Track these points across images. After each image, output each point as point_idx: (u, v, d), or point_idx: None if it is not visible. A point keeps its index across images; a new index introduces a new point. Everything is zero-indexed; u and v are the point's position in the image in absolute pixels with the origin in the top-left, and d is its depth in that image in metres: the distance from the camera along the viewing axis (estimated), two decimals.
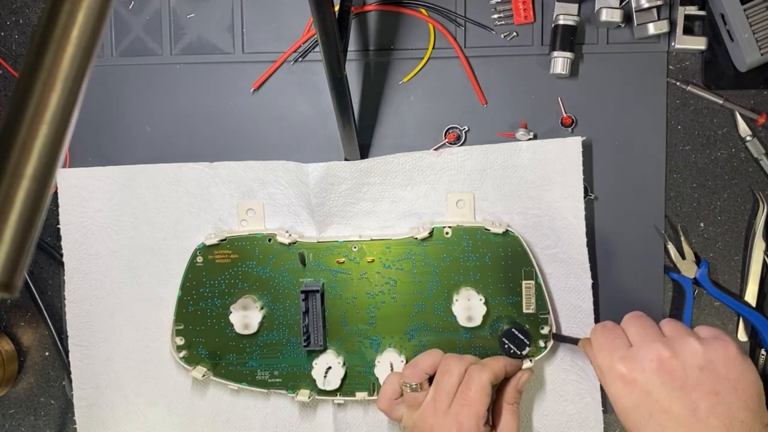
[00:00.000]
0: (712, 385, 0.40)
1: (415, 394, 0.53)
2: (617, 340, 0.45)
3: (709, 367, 0.41)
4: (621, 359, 0.43)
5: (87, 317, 0.60)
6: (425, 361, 0.54)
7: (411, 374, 0.53)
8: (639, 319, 0.46)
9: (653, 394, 0.41)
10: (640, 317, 0.46)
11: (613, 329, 0.46)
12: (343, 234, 0.58)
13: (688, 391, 0.40)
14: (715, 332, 0.43)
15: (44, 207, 0.24)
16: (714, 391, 0.40)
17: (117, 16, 0.61)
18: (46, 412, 0.64)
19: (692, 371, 0.41)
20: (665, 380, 0.41)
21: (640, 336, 0.44)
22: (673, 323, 0.45)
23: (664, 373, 0.41)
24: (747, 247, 0.59)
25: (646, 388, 0.41)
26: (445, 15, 0.59)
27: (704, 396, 0.40)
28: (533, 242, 0.57)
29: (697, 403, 0.40)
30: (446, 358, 0.53)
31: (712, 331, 0.44)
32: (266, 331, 0.58)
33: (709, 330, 0.44)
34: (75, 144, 0.61)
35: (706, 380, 0.40)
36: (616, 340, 0.45)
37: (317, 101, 0.60)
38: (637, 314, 0.47)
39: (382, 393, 0.55)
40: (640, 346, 0.43)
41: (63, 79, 0.24)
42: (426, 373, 0.53)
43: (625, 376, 0.42)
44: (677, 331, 0.44)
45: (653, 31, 0.56)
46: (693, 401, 0.40)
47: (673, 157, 0.59)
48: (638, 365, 0.42)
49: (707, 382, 0.40)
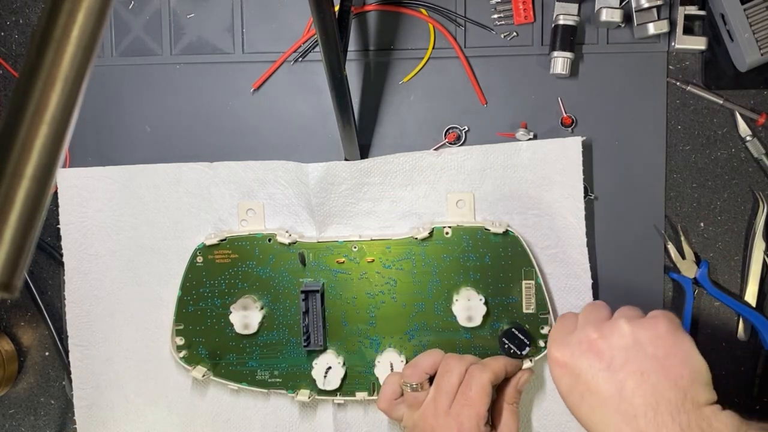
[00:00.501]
0: (638, 365, 0.41)
1: (416, 393, 0.53)
2: (562, 330, 0.46)
3: (636, 347, 0.41)
4: (557, 346, 0.45)
5: (87, 317, 0.60)
6: (426, 361, 0.54)
7: (411, 374, 0.53)
8: (591, 306, 0.47)
9: (582, 376, 0.42)
10: (594, 306, 0.47)
11: (565, 319, 0.48)
12: (343, 234, 0.58)
13: (615, 371, 0.41)
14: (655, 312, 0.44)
15: (44, 207, 0.24)
16: (640, 371, 0.41)
17: (117, 16, 0.61)
18: (46, 412, 0.64)
19: (618, 352, 0.42)
20: (592, 362, 0.42)
21: (582, 322, 0.46)
22: (624, 309, 0.46)
23: (591, 355, 0.42)
24: (747, 247, 0.59)
25: (575, 371, 0.43)
26: (445, 15, 0.59)
27: (630, 375, 0.41)
28: (533, 242, 0.57)
29: (624, 383, 0.41)
30: (447, 358, 0.54)
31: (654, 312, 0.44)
32: (266, 331, 0.58)
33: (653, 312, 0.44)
34: (75, 144, 0.61)
35: (633, 360, 0.41)
36: (560, 330, 0.47)
37: (317, 101, 0.60)
38: (593, 303, 0.48)
39: (383, 393, 0.55)
40: (576, 331, 0.45)
41: (63, 79, 0.24)
42: (426, 373, 0.53)
43: (559, 360, 0.44)
44: (617, 314, 0.45)
45: (653, 31, 0.56)
46: (619, 381, 0.41)
47: (673, 157, 0.59)
48: (568, 350, 0.44)
49: (633, 362, 0.41)
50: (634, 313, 0.45)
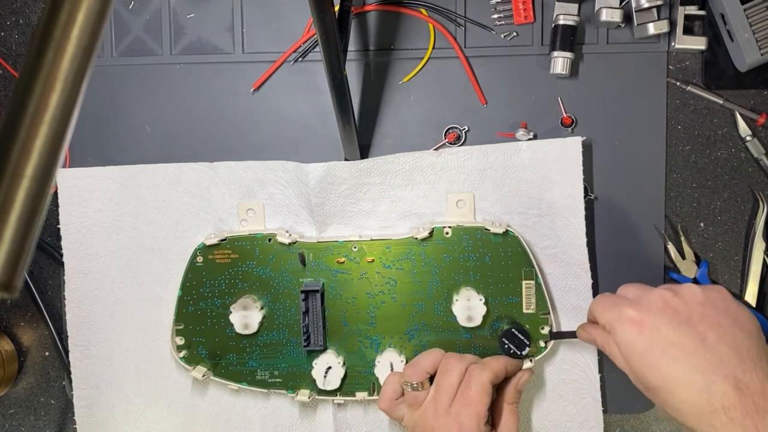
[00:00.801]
0: (715, 318, 0.43)
1: (416, 393, 0.53)
2: (619, 298, 0.47)
3: (710, 303, 0.44)
4: (629, 305, 0.45)
5: (87, 317, 0.60)
6: (426, 361, 0.54)
7: (412, 374, 0.53)
8: (634, 284, 0.49)
9: (662, 330, 0.43)
10: (634, 284, 0.49)
11: (612, 294, 0.49)
12: (343, 234, 0.58)
13: (694, 324, 0.43)
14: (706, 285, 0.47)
15: (44, 207, 0.24)
16: (718, 323, 0.43)
17: (117, 16, 0.61)
18: (46, 412, 0.64)
19: (695, 307, 0.44)
20: (671, 317, 0.43)
21: (639, 290, 0.47)
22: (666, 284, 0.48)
23: (669, 310, 0.44)
24: (747, 247, 0.59)
25: (655, 325, 0.43)
26: (445, 15, 0.59)
27: (710, 327, 0.42)
28: (533, 242, 0.57)
29: (705, 334, 0.42)
30: (447, 357, 0.54)
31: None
32: (266, 331, 0.58)
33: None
34: (75, 144, 0.61)
35: (710, 314, 0.43)
36: (618, 299, 0.47)
37: (317, 101, 0.60)
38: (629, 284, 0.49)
39: (383, 393, 0.55)
40: (643, 294, 0.46)
41: (63, 79, 0.24)
42: (427, 373, 0.53)
43: (634, 318, 0.44)
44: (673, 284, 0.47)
45: (653, 31, 0.56)
46: (700, 333, 0.42)
47: (673, 157, 0.59)
48: (644, 307, 0.44)
49: (710, 316, 0.43)
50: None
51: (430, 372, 0.53)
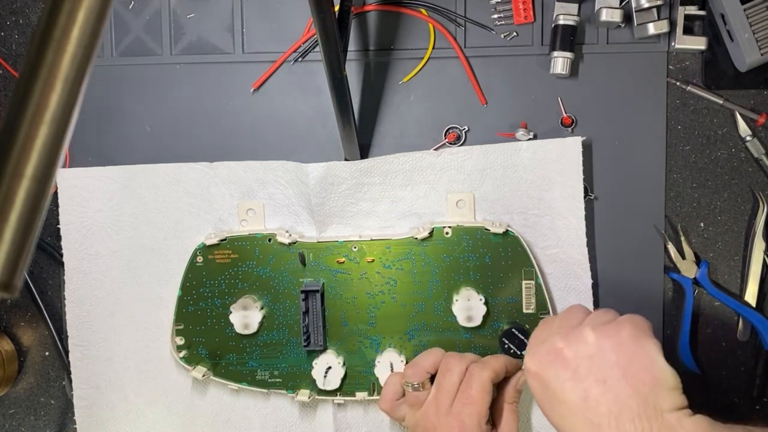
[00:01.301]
0: (601, 373, 0.41)
1: (417, 393, 0.53)
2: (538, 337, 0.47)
3: (600, 355, 0.42)
4: (530, 355, 0.45)
5: (87, 317, 0.60)
6: (426, 360, 0.54)
7: (413, 374, 0.53)
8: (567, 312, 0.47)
9: (551, 385, 0.43)
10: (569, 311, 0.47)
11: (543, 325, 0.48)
12: (343, 234, 0.58)
13: (580, 380, 0.42)
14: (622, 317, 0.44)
15: (44, 207, 0.24)
16: (603, 379, 0.41)
17: (117, 16, 0.61)
18: (46, 412, 0.64)
19: (583, 360, 0.42)
20: (559, 372, 0.42)
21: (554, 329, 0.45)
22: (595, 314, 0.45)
23: (557, 364, 0.43)
24: (747, 247, 0.59)
25: (545, 380, 0.43)
26: (445, 15, 0.59)
27: (593, 384, 0.41)
28: (533, 242, 0.57)
29: (588, 392, 0.41)
30: (447, 356, 0.54)
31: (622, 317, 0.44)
32: (266, 331, 0.58)
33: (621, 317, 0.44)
34: (75, 144, 0.61)
35: (597, 368, 0.41)
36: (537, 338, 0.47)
37: (317, 101, 0.60)
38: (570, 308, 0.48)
39: (384, 393, 0.55)
40: (545, 340, 0.45)
41: (63, 79, 0.24)
42: (427, 373, 0.53)
43: (530, 370, 0.45)
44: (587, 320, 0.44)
45: (653, 31, 0.56)
46: (584, 390, 0.41)
47: (673, 157, 0.59)
48: (537, 359, 0.44)
49: (597, 370, 0.41)
50: (605, 317, 0.44)
51: (430, 372, 0.53)
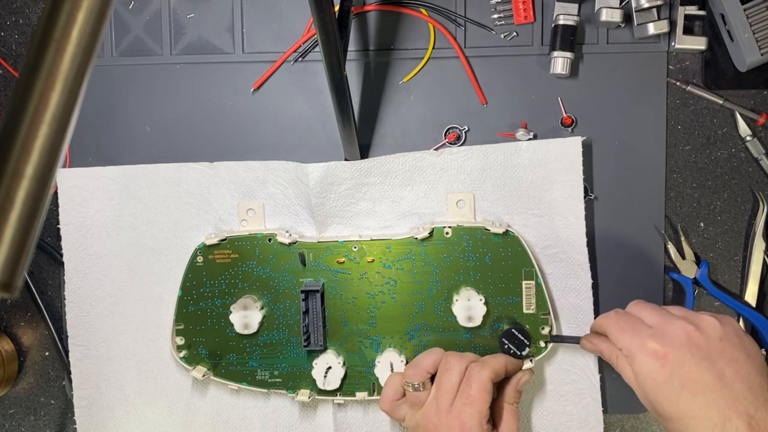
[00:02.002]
0: (732, 354, 0.44)
1: (418, 393, 0.53)
2: (638, 323, 0.47)
3: (727, 338, 0.45)
4: (650, 337, 0.45)
5: (87, 317, 0.60)
6: (426, 360, 0.54)
7: (413, 374, 0.53)
8: (647, 304, 0.49)
9: (684, 365, 0.44)
10: (646, 303, 0.49)
11: (627, 314, 0.49)
12: (343, 234, 0.58)
13: (714, 360, 0.44)
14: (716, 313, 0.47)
15: (44, 207, 0.24)
16: (734, 359, 0.44)
17: (117, 16, 0.61)
18: (46, 412, 0.64)
19: (714, 342, 0.44)
20: (694, 352, 0.44)
21: (657, 317, 0.47)
22: (676, 307, 0.48)
23: (692, 345, 0.44)
24: (747, 247, 0.59)
25: (678, 361, 0.44)
26: (445, 15, 0.59)
27: (728, 363, 0.44)
28: (533, 242, 0.57)
29: (723, 371, 0.43)
30: (447, 356, 0.54)
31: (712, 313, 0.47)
32: (266, 331, 0.58)
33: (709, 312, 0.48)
34: (75, 144, 0.61)
35: (728, 349, 0.44)
36: (636, 323, 0.47)
37: (317, 101, 0.60)
38: (640, 302, 0.49)
39: (384, 394, 0.55)
40: (665, 323, 0.46)
41: (63, 79, 0.24)
42: (428, 372, 0.53)
43: (658, 352, 0.45)
44: (687, 311, 0.47)
45: (653, 31, 0.56)
46: (719, 369, 0.43)
47: (673, 157, 0.59)
48: (668, 340, 0.45)
49: (728, 351, 0.44)
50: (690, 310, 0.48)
51: (430, 372, 0.53)
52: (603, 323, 0.49)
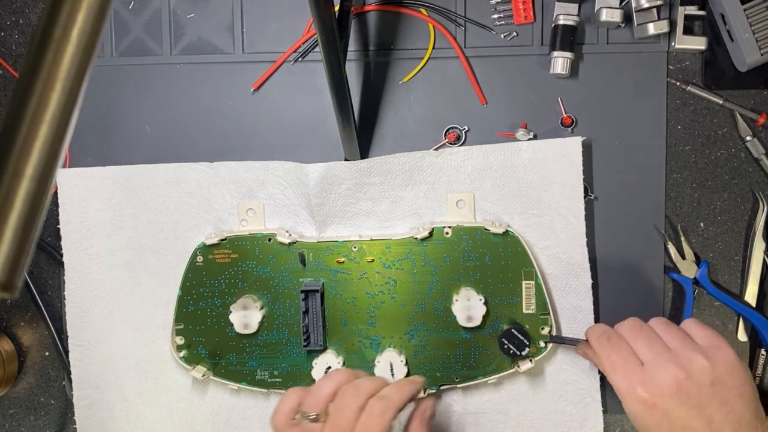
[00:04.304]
0: (722, 397, 0.44)
1: (312, 426, 0.47)
2: (630, 360, 0.47)
3: (718, 381, 0.44)
4: (640, 383, 0.45)
5: (87, 317, 0.60)
6: (326, 389, 0.49)
7: (311, 404, 0.48)
8: (641, 331, 0.48)
9: (673, 414, 0.44)
10: (641, 328, 0.48)
11: (619, 343, 0.48)
12: (343, 234, 0.58)
13: (704, 406, 0.44)
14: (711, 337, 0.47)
15: (44, 207, 0.24)
16: (725, 402, 0.44)
17: (117, 16, 0.61)
18: (46, 412, 0.64)
19: (705, 389, 0.44)
20: (683, 400, 0.44)
21: (650, 354, 0.46)
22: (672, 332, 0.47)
23: (682, 394, 0.44)
24: (747, 247, 0.59)
25: (667, 410, 0.44)
26: (445, 15, 0.59)
27: (717, 408, 0.44)
28: (533, 242, 0.57)
29: (712, 416, 0.44)
30: (343, 390, 0.48)
31: (707, 335, 0.47)
32: (266, 331, 0.58)
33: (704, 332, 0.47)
34: (75, 144, 0.61)
35: (718, 393, 0.44)
36: (629, 360, 0.47)
37: (317, 101, 0.60)
38: (636, 324, 0.49)
39: (280, 408, 0.49)
40: (655, 368, 0.45)
41: (63, 79, 0.24)
42: (327, 403, 0.48)
43: (647, 401, 0.45)
44: (682, 344, 0.46)
45: (653, 31, 0.56)
46: (707, 415, 0.44)
47: (673, 157, 0.59)
48: (657, 390, 0.45)
49: (719, 395, 0.44)
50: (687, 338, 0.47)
51: (330, 401, 0.48)
52: (596, 348, 0.49)
